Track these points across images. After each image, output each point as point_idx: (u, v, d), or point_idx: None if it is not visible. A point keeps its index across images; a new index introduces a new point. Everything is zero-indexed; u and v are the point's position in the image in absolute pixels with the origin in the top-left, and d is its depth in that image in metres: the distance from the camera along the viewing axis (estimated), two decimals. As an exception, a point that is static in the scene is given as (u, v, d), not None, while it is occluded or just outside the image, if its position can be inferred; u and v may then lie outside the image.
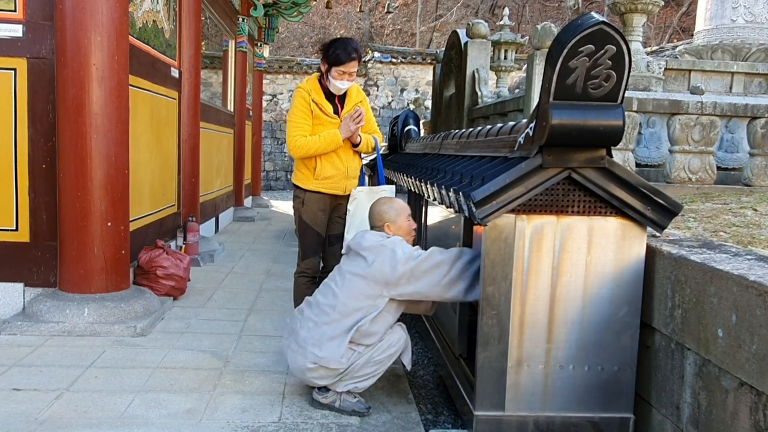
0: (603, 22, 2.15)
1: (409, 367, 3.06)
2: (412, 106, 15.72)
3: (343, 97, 3.68)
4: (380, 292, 2.81)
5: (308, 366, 2.84)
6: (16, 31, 4.03)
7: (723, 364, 2.13)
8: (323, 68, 3.58)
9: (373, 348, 2.84)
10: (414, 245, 3.07)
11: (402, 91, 17.82)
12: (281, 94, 17.71)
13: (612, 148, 2.42)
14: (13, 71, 4.06)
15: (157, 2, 5.46)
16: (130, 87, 4.29)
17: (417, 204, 4.61)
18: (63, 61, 3.93)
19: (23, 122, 4.11)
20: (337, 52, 3.50)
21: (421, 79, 17.84)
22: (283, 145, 17.74)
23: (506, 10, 10.63)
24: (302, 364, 2.87)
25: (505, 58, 9.86)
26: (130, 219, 4.43)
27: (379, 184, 3.77)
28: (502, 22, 10.21)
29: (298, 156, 3.58)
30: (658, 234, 2.67)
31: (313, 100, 3.55)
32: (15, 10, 4.02)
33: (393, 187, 3.78)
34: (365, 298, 2.82)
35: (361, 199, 3.63)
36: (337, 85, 3.56)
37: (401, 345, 2.93)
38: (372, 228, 3.12)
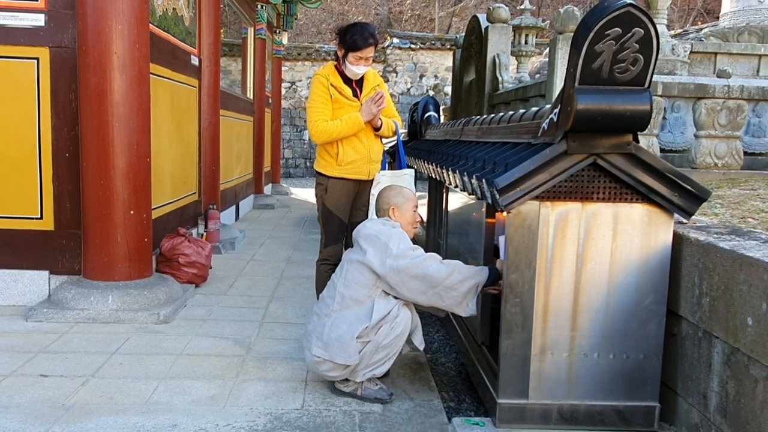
0: (630, 5, 2.10)
1: (421, 348, 3.00)
2: (431, 93, 15.62)
3: (360, 82, 3.68)
4: (374, 282, 2.80)
5: (315, 359, 2.85)
6: (39, 20, 4.05)
7: (752, 352, 2.09)
8: (340, 53, 3.57)
9: (377, 333, 2.78)
10: (426, 235, 3.07)
11: (421, 77, 17.72)
12: (300, 81, 17.69)
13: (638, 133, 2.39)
14: (35, 60, 4.08)
15: (177, -10, 5.46)
16: (150, 75, 4.30)
17: (438, 191, 4.59)
18: (85, 49, 3.94)
19: (46, 111, 4.14)
20: (354, 38, 3.48)
21: (440, 64, 17.71)
22: (302, 132, 17.75)
23: (527, -6, 10.47)
24: (310, 358, 2.89)
25: (526, 42, 9.72)
26: (153, 207, 4.46)
27: (400, 168, 3.76)
28: (522, 7, 10.07)
29: (320, 141, 3.56)
30: (685, 221, 2.62)
31: (331, 84, 3.54)
32: (37, 0, 4.03)
33: (411, 170, 3.75)
34: (360, 288, 2.81)
35: (384, 183, 3.61)
36: (354, 70, 3.55)
37: (406, 324, 2.84)
38: (377, 212, 3.11)
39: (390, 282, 2.76)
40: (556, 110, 2.36)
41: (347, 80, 3.61)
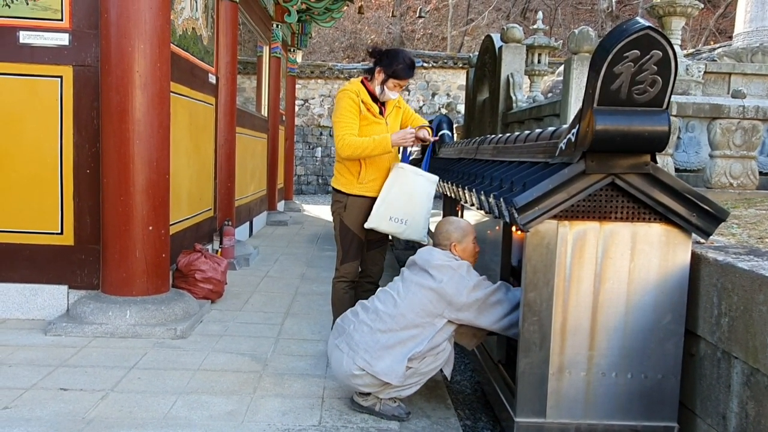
0: (649, 27, 2.13)
1: (449, 378, 3.05)
2: (444, 111, 15.70)
3: None
4: (441, 312, 2.79)
5: (354, 372, 2.82)
6: (63, 39, 4.14)
7: (773, 373, 2.09)
8: (379, 77, 3.58)
9: (422, 362, 2.82)
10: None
11: (433, 95, 17.82)
12: (313, 98, 17.84)
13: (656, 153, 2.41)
14: (59, 79, 4.17)
15: (197, 10, 5.56)
16: (170, 93, 4.37)
17: (452, 208, 4.61)
18: (107, 68, 4.02)
19: (69, 128, 4.22)
20: (399, 68, 3.52)
21: (452, 83, 17.82)
22: (314, 149, 17.87)
23: (539, 14, 10.57)
24: (349, 369, 2.85)
25: (539, 62, 9.80)
26: (170, 223, 4.51)
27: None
28: (535, 26, 10.17)
29: (347, 155, 3.56)
30: (702, 241, 2.63)
31: (362, 101, 3.59)
32: (62, 20, 4.13)
33: (437, 178, 3.74)
34: (425, 315, 2.80)
35: (400, 175, 3.60)
36: (390, 95, 3.62)
37: (446, 358, 2.89)
38: (436, 246, 3.07)
39: (468, 311, 2.76)
40: (574, 130, 2.39)
41: (374, 98, 3.66)
